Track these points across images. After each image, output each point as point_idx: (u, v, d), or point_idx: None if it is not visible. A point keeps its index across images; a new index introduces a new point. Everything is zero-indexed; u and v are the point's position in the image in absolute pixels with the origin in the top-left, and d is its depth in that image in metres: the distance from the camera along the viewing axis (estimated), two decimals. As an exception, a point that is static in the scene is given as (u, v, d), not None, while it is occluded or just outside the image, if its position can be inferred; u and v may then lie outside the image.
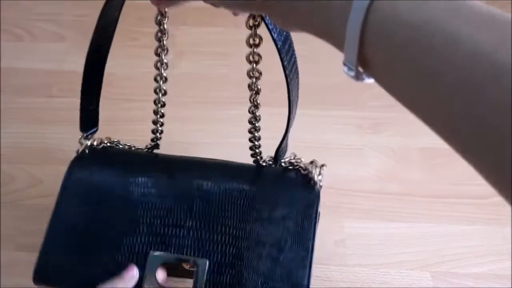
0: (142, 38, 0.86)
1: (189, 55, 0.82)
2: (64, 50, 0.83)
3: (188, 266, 0.45)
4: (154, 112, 0.49)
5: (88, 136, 0.48)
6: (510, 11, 0.76)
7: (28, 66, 0.80)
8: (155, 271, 0.44)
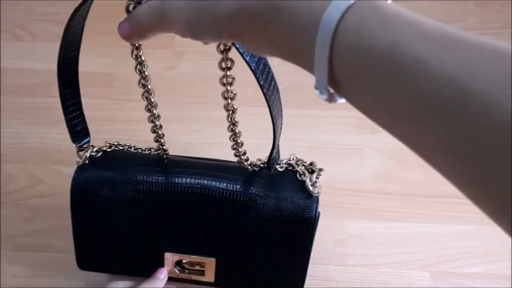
0: (142, 38, 0.86)
1: (189, 55, 0.82)
2: (64, 50, 0.83)
3: (199, 266, 0.50)
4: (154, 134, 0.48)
5: (82, 146, 0.48)
6: (510, 11, 0.76)
7: (28, 66, 0.80)
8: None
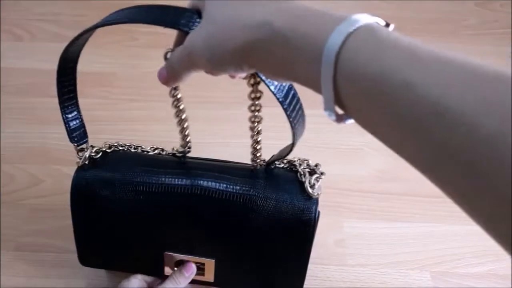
0: (142, 38, 0.86)
1: (189, 55, 0.82)
2: (64, 50, 0.83)
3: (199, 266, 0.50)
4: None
5: (81, 146, 0.48)
6: (510, 11, 0.76)
7: (28, 66, 0.81)
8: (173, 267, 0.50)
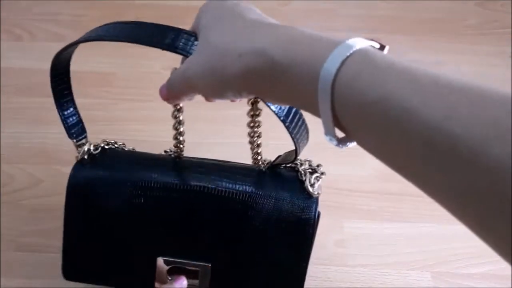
0: (142, 38, 0.86)
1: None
2: (64, 50, 0.83)
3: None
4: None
5: (79, 142, 0.48)
6: (510, 11, 0.76)
7: (28, 66, 0.81)
8: (165, 275, 0.47)
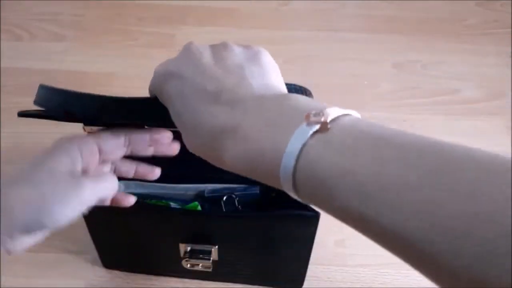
0: (142, 38, 0.86)
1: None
2: (64, 50, 0.83)
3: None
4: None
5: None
6: (510, 11, 0.75)
7: (28, 66, 0.80)
8: None
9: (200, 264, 0.51)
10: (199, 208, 0.50)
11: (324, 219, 0.50)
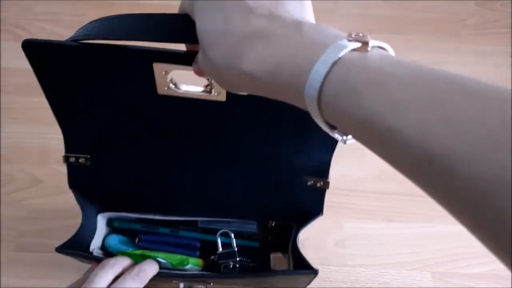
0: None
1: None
2: (64, 50, 0.83)
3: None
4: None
5: None
6: (510, 11, 0.75)
7: (28, 66, 0.80)
8: None
9: None
10: (187, 263, 0.49)
11: (324, 219, 0.50)
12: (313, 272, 0.44)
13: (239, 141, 0.43)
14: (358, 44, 0.23)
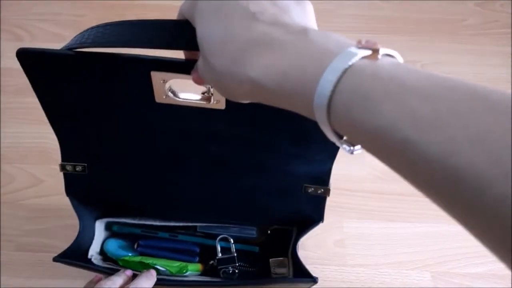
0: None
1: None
2: (64, 50, 0.83)
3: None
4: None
5: None
6: (510, 11, 0.75)
7: (28, 66, 0.80)
8: None
9: None
10: (186, 271, 0.49)
11: (324, 219, 0.50)
12: (312, 280, 0.44)
13: (238, 149, 0.43)
14: (368, 52, 0.23)
